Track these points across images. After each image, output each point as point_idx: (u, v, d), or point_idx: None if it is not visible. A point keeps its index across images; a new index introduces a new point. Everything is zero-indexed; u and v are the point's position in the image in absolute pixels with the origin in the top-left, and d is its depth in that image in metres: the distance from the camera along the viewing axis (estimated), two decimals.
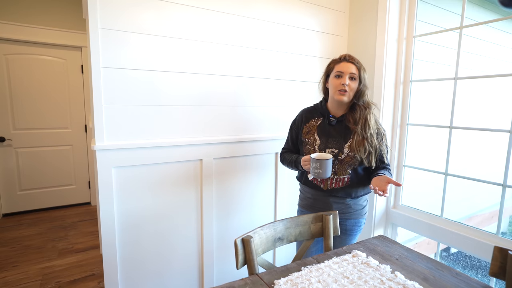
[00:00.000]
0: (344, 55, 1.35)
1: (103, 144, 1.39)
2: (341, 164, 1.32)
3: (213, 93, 1.66)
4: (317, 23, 1.97)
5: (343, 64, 1.31)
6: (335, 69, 1.33)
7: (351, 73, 1.30)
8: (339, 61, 1.34)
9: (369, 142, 1.29)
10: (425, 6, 2.03)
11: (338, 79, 1.31)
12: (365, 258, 1.01)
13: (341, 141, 1.33)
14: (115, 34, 1.37)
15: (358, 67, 1.31)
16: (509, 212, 3.12)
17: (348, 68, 1.30)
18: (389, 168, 1.36)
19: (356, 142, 1.29)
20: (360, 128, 1.29)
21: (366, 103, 1.34)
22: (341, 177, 1.33)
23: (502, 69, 3.02)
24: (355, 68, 1.30)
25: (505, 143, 1.44)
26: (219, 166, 1.73)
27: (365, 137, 1.28)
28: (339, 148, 1.32)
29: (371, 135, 1.29)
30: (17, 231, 2.86)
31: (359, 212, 1.40)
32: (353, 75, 1.30)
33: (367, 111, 1.31)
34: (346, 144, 1.32)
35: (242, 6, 1.68)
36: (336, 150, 1.33)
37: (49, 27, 3.14)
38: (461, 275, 0.93)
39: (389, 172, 1.33)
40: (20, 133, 3.17)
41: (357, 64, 1.32)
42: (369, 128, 1.29)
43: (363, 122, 1.30)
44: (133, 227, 1.52)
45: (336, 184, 1.34)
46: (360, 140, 1.28)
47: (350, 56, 1.33)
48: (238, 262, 0.99)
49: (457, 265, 3.08)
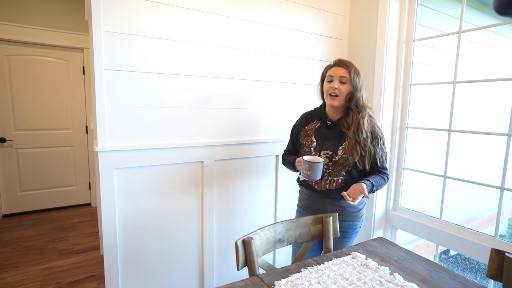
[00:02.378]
0: (336, 60, 1.38)
1: (105, 145, 1.40)
2: (335, 166, 1.34)
3: (215, 95, 1.67)
4: (318, 26, 1.99)
5: (334, 69, 1.35)
6: (327, 74, 1.37)
7: (341, 76, 1.32)
8: (331, 66, 1.38)
9: (362, 146, 1.30)
10: (425, 10, 2.05)
11: (330, 83, 1.35)
12: (365, 259, 1.02)
13: (336, 143, 1.36)
14: (118, 36, 1.38)
15: (348, 71, 1.32)
16: (507, 215, 3.14)
17: (338, 72, 1.33)
18: (384, 172, 1.36)
19: (349, 145, 1.31)
20: (352, 132, 1.31)
21: (361, 106, 1.34)
22: (335, 179, 1.35)
23: (501, 73, 3.04)
24: (345, 71, 1.32)
25: (503, 146, 1.46)
26: (220, 168, 1.74)
27: (358, 141, 1.30)
28: (333, 150, 1.35)
29: (364, 139, 1.30)
30: (17, 232, 2.86)
31: (354, 214, 1.40)
32: (343, 79, 1.32)
33: (360, 115, 1.32)
34: (340, 146, 1.34)
35: (244, 9, 1.70)
36: (330, 152, 1.35)
37: (50, 28, 3.16)
38: (459, 277, 0.94)
39: (381, 177, 1.33)
40: (21, 134, 3.18)
41: (348, 67, 1.33)
42: (362, 132, 1.30)
43: (355, 126, 1.31)
44: (134, 228, 1.53)
45: (330, 186, 1.36)
46: (353, 144, 1.30)
47: (341, 60, 1.36)
48: (238, 263, 1.00)
49: (456, 268, 3.09)
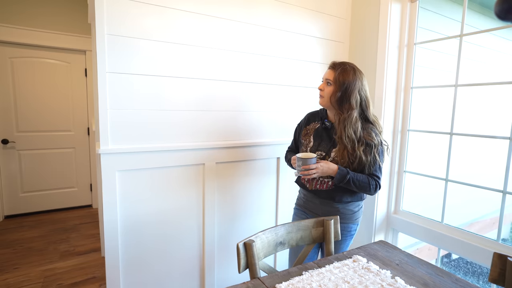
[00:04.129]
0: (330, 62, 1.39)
1: (108, 148, 1.41)
2: None
3: (217, 98, 1.68)
4: (319, 29, 1.99)
5: (326, 71, 1.37)
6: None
7: (327, 78, 1.33)
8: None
9: (350, 152, 1.27)
10: (426, 13, 2.05)
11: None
12: (366, 263, 1.02)
13: (329, 145, 1.36)
14: (121, 40, 1.39)
15: (334, 71, 1.30)
16: (510, 218, 3.12)
17: (326, 74, 1.35)
18: (373, 178, 1.29)
19: (339, 150, 1.31)
20: (338, 137, 1.30)
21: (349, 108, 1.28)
22: (325, 180, 1.36)
23: (502, 76, 3.03)
24: (331, 72, 1.32)
25: (505, 150, 1.46)
26: (221, 170, 1.74)
27: (346, 147, 1.28)
28: (326, 152, 1.36)
29: (351, 145, 1.27)
30: (18, 233, 2.87)
31: (348, 217, 1.38)
32: (328, 80, 1.33)
33: (346, 119, 1.27)
34: (334, 149, 1.34)
35: (245, 12, 1.70)
36: (323, 154, 1.36)
37: (53, 31, 3.18)
38: (461, 281, 0.93)
39: (366, 177, 1.28)
40: (23, 135, 3.20)
41: (337, 69, 1.30)
42: (346, 137, 1.27)
43: (340, 131, 1.28)
44: (136, 230, 1.53)
45: (321, 186, 1.37)
46: (343, 150, 1.29)
47: (334, 63, 1.35)
48: (240, 266, 1.00)
49: (458, 271, 3.07)
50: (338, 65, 1.32)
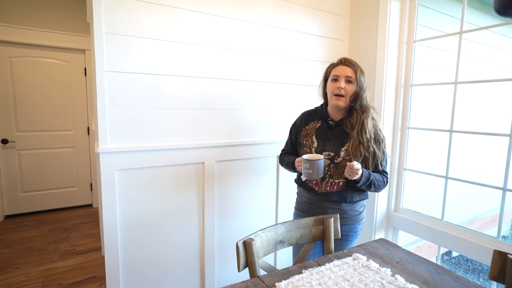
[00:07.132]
0: (340, 59, 1.34)
1: (107, 147, 1.40)
2: (336, 168, 1.31)
3: (216, 96, 1.67)
4: (318, 27, 1.99)
5: (340, 68, 1.31)
6: (332, 73, 1.33)
7: (347, 76, 1.28)
8: (336, 64, 1.34)
9: (365, 147, 1.27)
10: (426, 10, 2.04)
11: (335, 82, 1.31)
12: (366, 261, 1.01)
13: (338, 144, 1.32)
14: (119, 38, 1.38)
15: (354, 70, 1.29)
16: (510, 216, 3.12)
17: (344, 71, 1.29)
18: (384, 175, 1.33)
19: (352, 146, 1.27)
20: (356, 132, 1.28)
21: (365, 106, 1.31)
22: (336, 181, 1.32)
23: (502, 73, 3.03)
24: (351, 71, 1.29)
25: (505, 147, 1.45)
26: (221, 169, 1.74)
27: (361, 142, 1.27)
28: (335, 152, 1.31)
29: (368, 140, 1.28)
30: (19, 232, 2.87)
31: (355, 218, 1.38)
32: (349, 78, 1.28)
33: (364, 116, 1.29)
34: (342, 148, 1.30)
35: (244, 11, 1.70)
36: (332, 154, 1.32)
37: (52, 30, 3.18)
38: (461, 279, 0.93)
39: (381, 176, 1.31)
40: (23, 135, 3.19)
41: (354, 66, 1.30)
42: (366, 133, 1.27)
43: (359, 126, 1.28)
44: (136, 229, 1.53)
45: (331, 188, 1.33)
46: (357, 145, 1.27)
47: (347, 59, 1.32)
48: (239, 265, 1.00)
49: (459, 269, 3.08)
50: (354, 62, 1.32)
